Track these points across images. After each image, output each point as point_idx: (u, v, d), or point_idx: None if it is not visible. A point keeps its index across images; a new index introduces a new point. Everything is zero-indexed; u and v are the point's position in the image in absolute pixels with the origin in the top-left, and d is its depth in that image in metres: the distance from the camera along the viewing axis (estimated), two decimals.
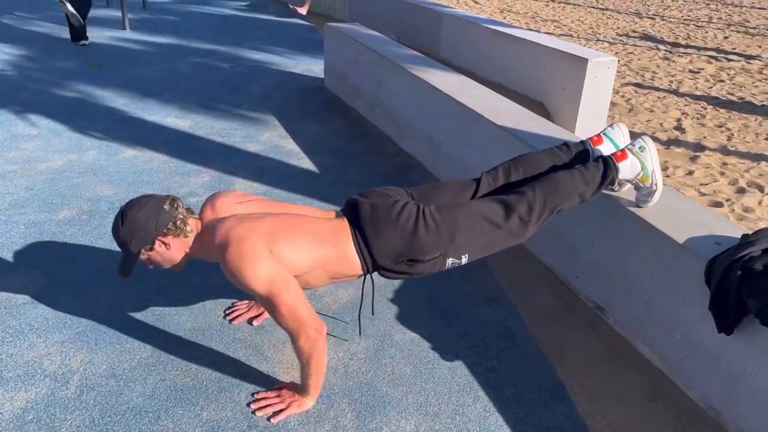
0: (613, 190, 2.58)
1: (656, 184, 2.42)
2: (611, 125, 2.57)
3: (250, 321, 2.57)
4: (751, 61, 8.26)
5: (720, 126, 5.82)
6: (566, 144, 2.52)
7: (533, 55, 5.28)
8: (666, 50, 8.73)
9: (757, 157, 5.13)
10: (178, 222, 2.09)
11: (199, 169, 3.94)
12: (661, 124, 5.83)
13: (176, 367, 2.32)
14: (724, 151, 5.18)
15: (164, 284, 2.78)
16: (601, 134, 2.54)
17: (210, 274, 2.85)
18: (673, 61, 8.15)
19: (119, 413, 2.10)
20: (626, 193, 2.57)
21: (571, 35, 9.52)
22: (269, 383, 2.27)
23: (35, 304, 2.61)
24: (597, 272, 2.70)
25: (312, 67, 6.49)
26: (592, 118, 5.00)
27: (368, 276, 2.27)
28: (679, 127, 5.73)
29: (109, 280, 2.79)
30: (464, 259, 2.20)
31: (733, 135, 5.61)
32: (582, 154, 2.50)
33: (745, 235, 2.17)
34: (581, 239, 2.76)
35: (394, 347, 2.48)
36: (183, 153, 4.19)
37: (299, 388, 2.17)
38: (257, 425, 2.09)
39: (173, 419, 2.10)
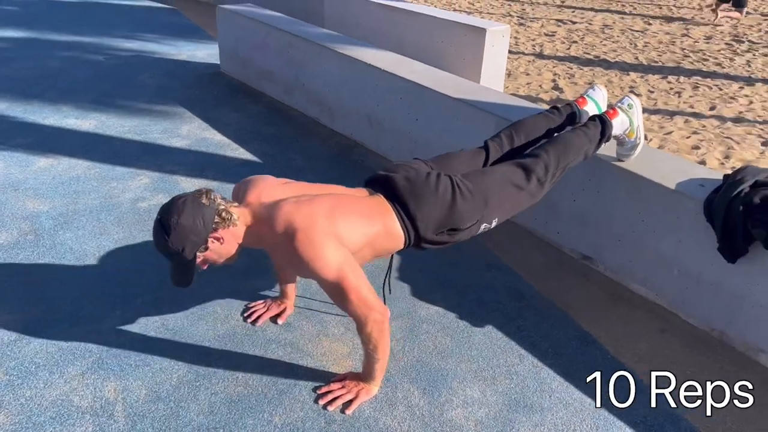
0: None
1: (639, 138, 2.67)
2: (592, 87, 2.78)
3: (273, 320, 2.50)
4: (592, 22, 9.09)
5: (589, 83, 6.38)
6: (556, 107, 2.69)
7: (427, 27, 5.43)
8: (518, 17, 9.33)
9: None
10: (223, 213, 1.97)
11: (132, 172, 3.66)
12: (540, 85, 6.28)
13: (222, 378, 2.21)
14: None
15: (163, 297, 2.60)
16: (585, 96, 2.75)
17: (204, 282, 2.71)
18: (528, 26, 8.75)
19: None
20: (604, 149, 2.80)
21: (433, 5, 9.83)
22: (325, 377, 2.24)
23: (28, 340, 2.33)
24: (581, 225, 2.93)
25: (196, 52, 6.17)
26: (492, 85, 5.28)
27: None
28: (556, 87, 6.21)
29: (96, 300, 2.56)
30: (494, 223, 2.31)
31: None
32: (570, 116, 2.69)
33: (726, 176, 2.49)
34: (562, 197, 2.97)
35: (426, 322, 2.54)
36: (103, 156, 3.85)
37: (363, 376, 2.17)
38: (334, 420, 2.07)
39: (246, 430, 2.01)
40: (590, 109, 2.70)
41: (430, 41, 5.42)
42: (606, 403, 2.19)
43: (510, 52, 7.37)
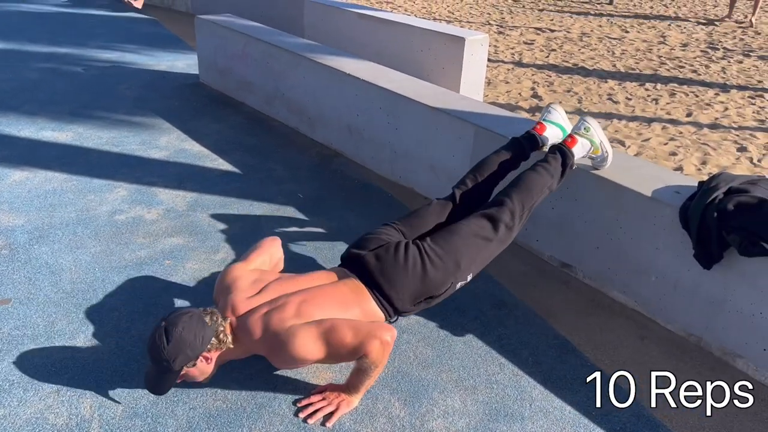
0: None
1: (607, 151, 2.70)
2: (547, 109, 2.81)
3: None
4: (570, 30, 9.18)
5: (568, 91, 6.44)
6: (516, 139, 2.72)
7: (406, 37, 5.45)
8: (497, 25, 9.40)
9: (608, 116, 5.78)
10: (221, 336, 2.07)
11: (109, 184, 3.63)
12: (519, 93, 6.32)
13: (200, 393, 2.18)
14: (579, 113, 5.76)
15: (139, 311, 2.57)
16: (542, 121, 2.78)
17: (180, 294, 2.68)
18: (507, 35, 8.81)
19: None
20: (583, 160, 2.82)
21: (413, 15, 9.87)
22: (305, 389, 2.22)
23: (1, 357, 2.29)
24: (560, 233, 2.94)
25: (176, 63, 6.14)
26: (472, 94, 5.31)
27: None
28: (535, 95, 6.26)
29: (72, 315, 2.52)
30: (469, 278, 2.37)
31: (581, 98, 6.25)
32: (532, 144, 2.72)
33: (701, 183, 2.51)
34: (541, 206, 2.98)
35: (406, 332, 2.54)
36: (81, 169, 3.81)
37: (347, 387, 2.16)
38: None
39: None
40: (551, 132, 2.75)
41: (409, 51, 5.44)
42: (585, 409, 2.19)
43: (489, 60, 7.43)
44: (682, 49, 7.95)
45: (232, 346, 2.09)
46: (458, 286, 2.32)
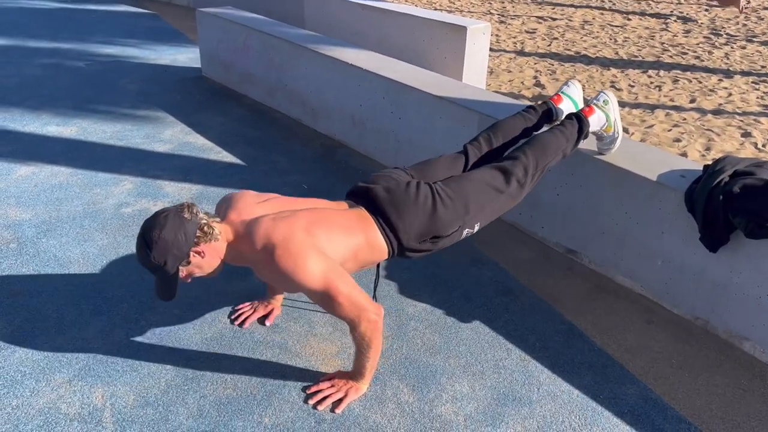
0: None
1: (617, 132, 2.70)
2: (566, 83, 2.80)
3: (260, 321, 2.49)
4: (572, 19, 9.15)
5: (571, 79, 6.43)
6: (532, 107, 2.71)
7: (408, 27, 5.44)
8: (499, 14, 9.38)
9: None
10: (205, 228, 1.98)
11: (115, 178, 3.64)
12: (522, 82, 6.31)
13: (211, 381, 2.20)
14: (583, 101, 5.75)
15: (148, 302, 2.59)
16: (560, 93, 2.77)
17: (190, 285, 2.70)
18: (509, 24, 8.79)
19: None
20: (586, 144, 2.82)
21: (414, 5, 9.85)
22: (314, 377, 2.24)
23: (13, 349, 2.31)
24: (565, 219, 2.95)
25: (178, 57, 6.14)
26: (475, 83, 5.31)
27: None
28: (538, 84, 6.24)
29: (81, 307, 2.54)
30: (476, 228, 2.32)
31: (584, 86, 6.24)
32: (547, 113, 2.71)
33: (706, 166, 2.52)
34: (545, 192, 2.99)
35: (414, 320, 2.55)
36: (86, 163, 3.82)
37: (353, 374, 2.17)
38: (324, 419, 2.07)
39: None
40: (566, 105, 2.72)
41: (411, 40, 5.43)
42: (593, 393, 2.21)
43: (491, 49, 7.41)
44: (685, 35, 7.92)
45: (219, 238, 2.00)
46: (465, 233, 2.27)
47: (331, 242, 2.04)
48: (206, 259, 2.01)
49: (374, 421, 2.06)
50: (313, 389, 2.17)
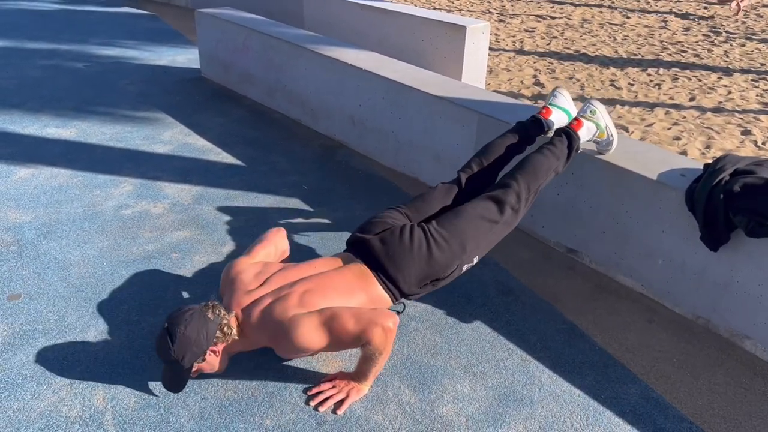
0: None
1: (612, 135, 2.70)
2: (553, 93, 2.80)
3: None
4: (572, 17, 9.14)
5: (570, 78, 6.42)
6: (521, 123, 2.71)
7: (407, 26, 5.44)
8: (498, 13, 9.37)
9: (611, 102, 5.77)
10: (225, 329, 2.08)
11: (115, 179, 3.64)
12: (521, 81, 6.31)
13: (211, 383, 2.20)
14: (582, 99, 5.75)
15: (149, 303, 2.59)
16: (548, 105, 2.77)
17: (189, 285, 2.70)
18: (508, 23, 8.78)
19: None
20: (587, 145, 2.82)
21: (413, 5, 9.85)
22: (315, 378, 2.24)
23: (13, 352, 2.31)
24: (566, 219, 2.95)
25: (177, 57, 6.14)
26: (474, 82, 5.30)
27: None
28: (537, 83, 6.24)
29: (82, 309, 2.54)
30: (475, 260, 2.37)
31: (584, 85, 6.23)
32: (538, 127, 2.71)
33: (706, 165, 2.51)
34: (546, 192, 2.99)
35: (414, 320, 2.55)
36: (86, 164, 3.82)
37: (356, 375, 2.17)
38: (326, 420, 2.07)
39: None
40: (556, 116, 2.73)
41: (410, 40, 5.43)
42: (594, 393, 2.20)
43: (491, 48, 7.41)
44: (684, 33, 7.91)
45: (237, 337, 2.10)
46: (464, 268, 2.32)
47: (331, 305, 2.10)
48: (219, 358, 2.11)
49: (376, 422, 2.06)
50: (315, 390, 2.17)
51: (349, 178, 3.74)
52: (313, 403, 2.12)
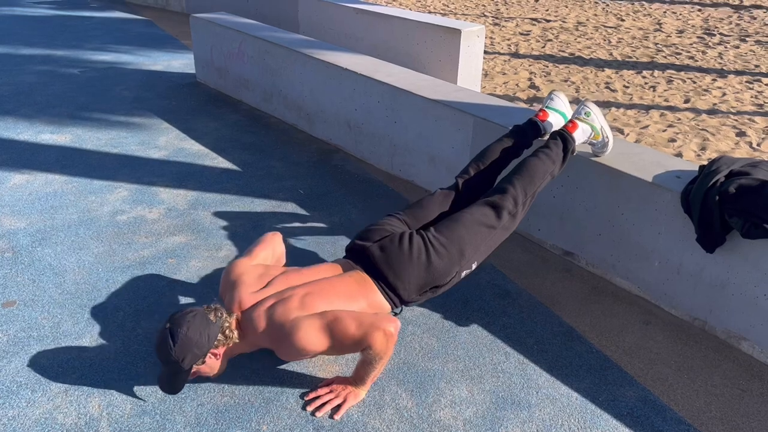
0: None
1: (607, 137, 2.70)
2: (549, 96, 2.80)
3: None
4: (566, 20, 9.17)
5: (565, 80, 6.44)
6: (518, 126, 2.71)
7: (402, 30, 5.45)
8: (493, 17, 9.39)
9: (606, 105, 5.78)
10: (227, 331, 2.08)
11: (110, 185, 3.63)
12: (517, 84, 6.32)
13: (208, 389, 2.19)
14: (577, 102, 5.75)
15: (144, 310, 2.58)
16: (545, 108, 2.77)
17: (184, 289, 2.69)
18: (503, 26, 8.80)
19: None
20: (583, 147, 2.82)
21: (408, 8, 9.86)
22: (312, 383, 2.23)
23: (8, 360, 2.30)
24: (562, 221, 2.95)
25: (172, 62, 6.13)
26: (469, 86, 5.31)
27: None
28: (533, 86, 6.25)
29: (77, 316, 2.52)
30: (474, 266, 2.36)
31: (579, 87, 6.25)
32: (534, 130, 2.71)
33: (702, 167, 2.52)
34: (542, 195, 2.99)
35: (411, 324, 2.54)
36: (81, 170, 3.81)
37: (353, 380, 2.16)
38: (323, 426, 2.06)
39: None
40: (553, 119, 2.74)
41: (405, 44, 5.44)
42: (592, 395, 2.20)
43: (486, 52, 7.42)
44: (679, 35, 7.94)
45: (238, 340, 2.10)
46: (463, 274, 2.32)
47: (332, 309, 2.09)
48: (219, 360, 2.10)
49: (373, 427, 2.05)
50: (312, 395, 2.16)
51: (344, 182, 3.74)
52: (310, 408, 2.11)
